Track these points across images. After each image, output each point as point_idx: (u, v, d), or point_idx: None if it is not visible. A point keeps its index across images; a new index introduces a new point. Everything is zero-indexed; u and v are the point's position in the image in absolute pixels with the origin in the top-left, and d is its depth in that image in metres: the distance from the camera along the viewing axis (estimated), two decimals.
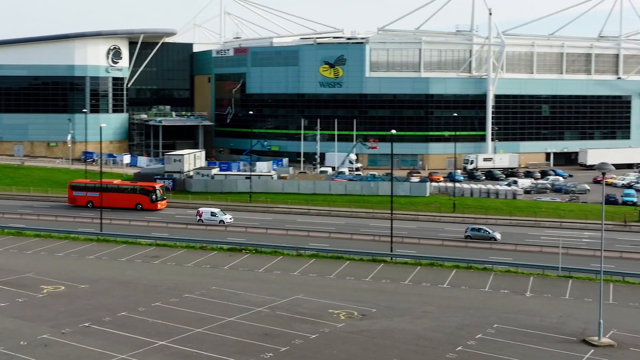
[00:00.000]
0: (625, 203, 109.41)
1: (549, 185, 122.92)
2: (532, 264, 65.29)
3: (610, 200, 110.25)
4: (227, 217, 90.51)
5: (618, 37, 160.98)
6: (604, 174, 46.30)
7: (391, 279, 61.31)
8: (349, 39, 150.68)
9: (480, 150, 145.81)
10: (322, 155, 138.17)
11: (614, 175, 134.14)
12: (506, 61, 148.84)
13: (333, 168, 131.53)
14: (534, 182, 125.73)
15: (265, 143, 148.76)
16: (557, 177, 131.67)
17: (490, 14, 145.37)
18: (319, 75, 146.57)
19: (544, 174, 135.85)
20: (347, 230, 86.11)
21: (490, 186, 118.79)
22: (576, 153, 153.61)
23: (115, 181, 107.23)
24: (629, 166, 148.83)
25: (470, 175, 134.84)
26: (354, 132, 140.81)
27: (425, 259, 66.56)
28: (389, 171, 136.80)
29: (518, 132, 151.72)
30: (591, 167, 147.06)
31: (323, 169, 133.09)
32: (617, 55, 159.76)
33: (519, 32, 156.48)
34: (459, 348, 44.02)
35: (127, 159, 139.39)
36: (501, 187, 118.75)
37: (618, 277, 61.52)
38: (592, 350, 44.31)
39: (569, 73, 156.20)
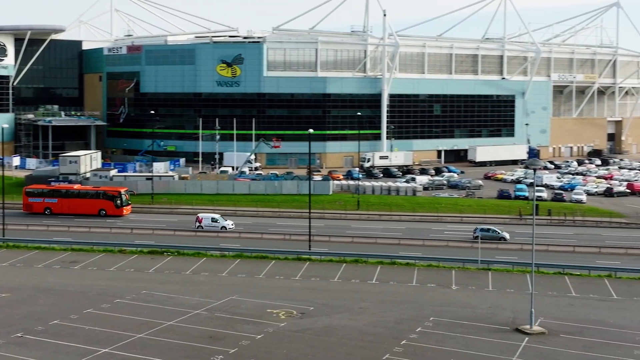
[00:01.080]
0: (517, 197, 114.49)
1: (445, 182, 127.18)
2: (452, 257, 67.64)
3: (504, 195, 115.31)
4: (229, 223, 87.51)
5: (502, 39, 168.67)
6: (534, 170, 48.67)
7: (320, 276, 61.89)
8: (245, 38, 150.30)
9: (376, 148, 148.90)
10: (221, 155, 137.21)
11: (503, 172, 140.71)
12: (399, 61, 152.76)
13: (233, 168, 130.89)
14: (431, 178, 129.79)
15: (162, 143, 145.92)
16: (452, 173, 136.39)
17: (385, 15, 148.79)
18: (216, 74, 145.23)
19: (438, 171, 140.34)
20: (256, 230, 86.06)
21: (391, 183, 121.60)
22: (465, 150, 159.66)
23: (76, 186, 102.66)
24: (514, 162, 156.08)
25: (368, 173, 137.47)
26: (253, 132, 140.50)
27: (350, 256, 67.61)
28: (289, 170, 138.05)
29: (411, 131, 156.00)
30: (481, 164, 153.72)
31: (223, 168, 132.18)
32: (501, 57, 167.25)
33: (409, 33, 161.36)
34: (404, 342, 45.11)
35: (16, 160, 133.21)
36: (401, 184, 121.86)
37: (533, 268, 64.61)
38: (527, 338, 46.48)
39: (458, 73, 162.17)
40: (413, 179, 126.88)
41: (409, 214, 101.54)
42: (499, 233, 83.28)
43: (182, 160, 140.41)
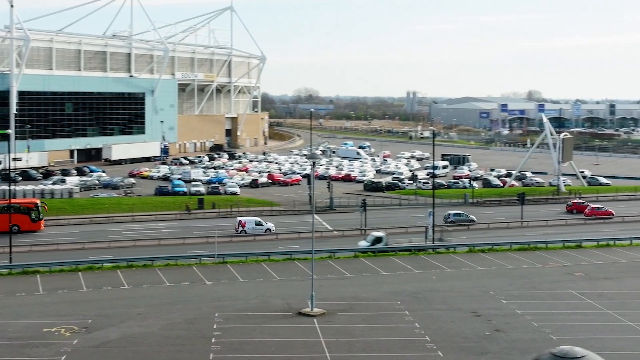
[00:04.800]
0: (177, 193, 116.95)
1: (97, 182, 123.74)
2: (190, 254, 67.63)
3: (163, 192, 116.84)
4: (272, 226, 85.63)
5: (129, 36, 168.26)
6: (314, 163, 51.86)
7: (67, 288, 56.98)
8: None
9: (5, 149, 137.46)
10: None
11: (147, 169, 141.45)
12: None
13: None
14: (82, 179, 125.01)
15: None
16: (100, 173, 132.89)
17: (12, 6, 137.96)
18: None
19: (80, 172, 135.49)
20: None
21: (43, 186, 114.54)
22: (97, 149, 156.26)
23: None
24: (147, 159, 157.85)
25: (5, 177, 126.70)
26: None
27: (82, 263, 63.40)
28: None
29: (43, 130, 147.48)
30: (116, 162, 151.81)
31: None
32: (129, 54, 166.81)
33: (34, 27, 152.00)
34: (214, 340, 44.83)
35: None
36: (56, 186, 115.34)
37: (264, 257, 68.08)
38: (315, 319, 49.65)
39: (88, 70, 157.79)
40: (63, 181, 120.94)
41: (80, 217, 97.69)
42: (468, 216, 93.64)
43: None
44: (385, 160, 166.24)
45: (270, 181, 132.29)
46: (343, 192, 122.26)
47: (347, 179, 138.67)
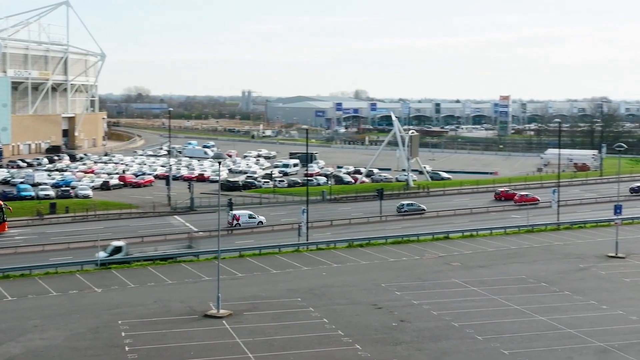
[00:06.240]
0: (24, 198, 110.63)
1: None
2: (71, 262, 64.07)
3: (8, 197, 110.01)
4: (263, 218, 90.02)
5: None
6: (219, 162, 50.76)
7: None
8: None
9: None
10: None
11: None
12: None
13: None
14: None
15: None
16: None
17: None
18: None
19: None
20: None
21: None
22: None
23: None
24: None
25: None
26: None
27: None
28: None
29: None
30: None
31: None
32: None
33: None
34: (128, 348, 42.98)
35: None
36: None
37: (149, 261, 65.82)
38: (224, 321, 48.85)
39: None
40: None
41: None
42: (419, 206, 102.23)
43: None
44: (235, 159, 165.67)
45: (121, 183, 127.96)
46: (200, 192, 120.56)
47: (201, 178, 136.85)
